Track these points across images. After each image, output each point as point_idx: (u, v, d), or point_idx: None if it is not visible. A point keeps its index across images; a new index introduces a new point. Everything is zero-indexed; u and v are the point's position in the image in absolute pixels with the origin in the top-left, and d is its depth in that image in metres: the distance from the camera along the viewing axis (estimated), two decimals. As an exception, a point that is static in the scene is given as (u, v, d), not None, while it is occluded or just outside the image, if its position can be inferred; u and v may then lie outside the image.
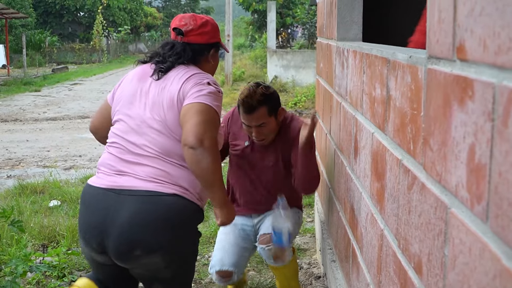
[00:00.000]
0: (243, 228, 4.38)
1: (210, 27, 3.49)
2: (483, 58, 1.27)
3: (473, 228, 1.33)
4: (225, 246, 4.25)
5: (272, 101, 4.04)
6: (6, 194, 8.13)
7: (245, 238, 4.34)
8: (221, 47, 3.63)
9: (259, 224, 4.39)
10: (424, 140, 1.75)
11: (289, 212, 4.06)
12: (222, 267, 4.17)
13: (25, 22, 44.39)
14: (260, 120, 3.99)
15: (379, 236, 2.44)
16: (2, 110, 18.38)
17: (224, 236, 4.33)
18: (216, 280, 4.28)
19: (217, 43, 3.55)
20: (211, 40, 3.49)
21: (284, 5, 37.17)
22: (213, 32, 3.50)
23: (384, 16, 6.66)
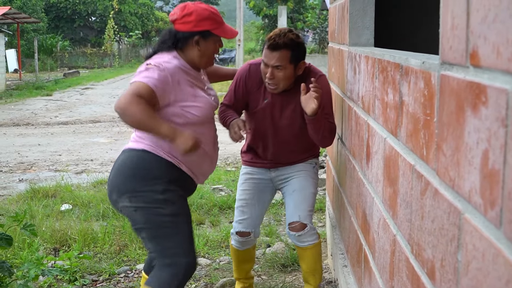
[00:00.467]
0: (261, 181, 4.56)
1: (194, 16, 3.70)
2: (497, 65, 1.27)
3: (486, 234, 1.34)
4: (244, 208, 4.54)
5: (297, 49, 4.07)
6: (18, 198, 8.16)
7: (262, 191, 4.56)
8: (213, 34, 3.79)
9: (277, 180, 4.55)
10: (437, 146, 1.75)
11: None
12: (241, 229, 4.53)
13: (37, 26, 44.57)
14: (279, 61, 4.01)
15: (392, 241, 2.44)
16: (14, 114, 18.46)
17: (242, 193, 4.56)
18: (235, 241, 4.60)
19: (203, 31, 3.73)
20: (195, 28, 3.71)
21: (295, 10, 37.26)
22: (196, 20, 3.70)
23: (392, 20, 6.67)
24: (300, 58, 4.10)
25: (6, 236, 4.07)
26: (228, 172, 9.74)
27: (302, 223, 4.29)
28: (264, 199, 4.59)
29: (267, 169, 4.55)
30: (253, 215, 4.54)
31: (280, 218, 7.10)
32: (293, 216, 4.33)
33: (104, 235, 6.26)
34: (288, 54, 4.01)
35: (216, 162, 4.08)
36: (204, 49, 3.77)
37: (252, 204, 4.54)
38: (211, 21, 3.75)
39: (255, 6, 37.47)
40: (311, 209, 4.37)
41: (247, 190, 4.56)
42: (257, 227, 4.59)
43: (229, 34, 3.83)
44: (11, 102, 22.49)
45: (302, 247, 4.39)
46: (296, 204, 4.35)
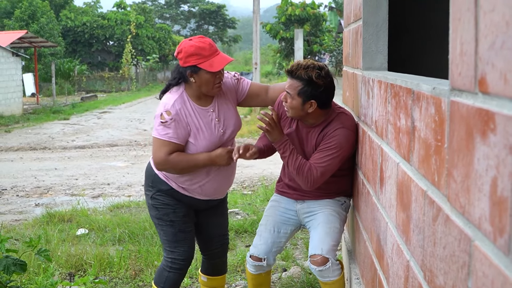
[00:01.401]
0: (286, 211, 4.61)
1: (182, 54, 4.10)
2: (504, 92, 1.27)
3: (495, 261, 1.33)
4: (262, 233, 4.60)
5: (311, 87, 4.06)
6: (34, 223, 8.20)
7: (285, 222, 4.59)
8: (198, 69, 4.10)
9: (303, 213, 4.55)
10: (448, 172, 1.75)
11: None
12: (254, 253, 4.57)
13: (54, 50, 44.95)
14: (289, 89, 4.12)
15: (405, 267, 2.43)
16: (31, 138, 18.58)
17: (265, 220, 4.64)
18: (249, 264, 4.63)
19: (191, 66, 4.09)
20: (185, 65, 4.11)
21: (312, 33, 37.38)
22: (184, 57, 4.09)
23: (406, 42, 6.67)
24: (312, 97, 4.08)
25: (20, 262, 4.07)
26: (244, 196, 9.73)
27: (325, 257, 4.19)
28: (286, 230, 4.59)
29: (294, 201, 4.57)
30: (269, 242, 4.56)
31: (296, 241, 7.08)
32: (316, 248, 4.25)
33: (120, 259, 6.26)
34: (298, 85, 4.07)
35: (226, 184, 4.52)
36: (199, 81, 4.14)
37: (271, 232, 4.58)
38: (196, 57, 4.06)
39: (271, 29, 37.62)
40: (335, 244, 4.29)
41: (269, 216, 4.63)
42: (270, 256, 4.58)
43: (215, 66, 4.08)
44: (28, 126, 22.64)
45: (323, 281, 4.32)
46: (320, 237, 4.29)
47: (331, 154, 4.09)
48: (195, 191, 4.34)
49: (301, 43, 25.28)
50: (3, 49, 26.31)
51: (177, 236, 4.38)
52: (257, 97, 4.53)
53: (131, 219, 7.89)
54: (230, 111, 4.36)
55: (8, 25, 44.36)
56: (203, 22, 71.53)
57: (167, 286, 4.47)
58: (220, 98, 4.33)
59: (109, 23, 52.86)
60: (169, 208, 4.35)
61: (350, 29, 4.79)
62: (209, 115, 4.25)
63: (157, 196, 4.37)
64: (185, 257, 4.41)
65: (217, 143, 4.24)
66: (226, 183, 4.50)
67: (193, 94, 4.21)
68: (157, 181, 4.36)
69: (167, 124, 4.10)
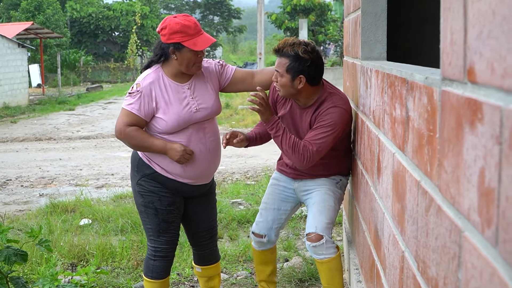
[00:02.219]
0: (284, 189, 4.69)
1: (167, 30, 4.14)
2: (491, 81, 1.26)
3: (484, 253, 1.32)
4: (262, 211, 4.75)
5: (298, 62, 4.15)
6: (37, 213, 8.20)
7: (284, 200, 4.70)
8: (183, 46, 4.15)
9: (300, 191, 4.62)
10: (439, 162, 1.74)
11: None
12: (255, 230, 4.76)
13: (60, 41, 44.89)
14: (278, 67, 4.21)
15: (401, 258, 2.42)
16: (36, 129, 18.59)
17: (266, 198, 4.76)
18: (252, 240, 4.82)
19: (175, 43, 4.13)
20: (168, 41, 4.14)
21: (317, 23, 37.27)
22: (168, 34, 4.13)
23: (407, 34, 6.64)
24: (300, 72, 4.15)
25: (21, 252, 4.07)
26: (247, 186, 9.72)
27: (318, 234, 4.26)
28: (285, 207, 4.70)
29: (292, 179, 4.63)
30: (269, 219, 4.69)
31: (299, 232, 7.08)
32: (311, 227, 4.32)
33: (122, 249, 6.27)
34: (285, 62, 4.16)
35: (210, 167, 4.48)
36: (180, 59, 4.18)
37: (271, 209, 4.71)
38: (181, 34, 4.11)
39: (276, 19, 37.53)
40: (329, 222, 4.33)
41: (269, 194, 4.76)
42: (271, 232, 4.72)
43: (198, 46, 4.14)
44: (34, 117, 22.65)
45: (318, 260, 4.34)
46: (314, 215, 4.35)
47: (325, 132, 4.12)
48: (177, 174, 4.33)
49: (306, 33, 25.25)
50: (9, 40, 26.30)
51: (160, 226, 4.40)
52: (243, 82, 4.54)
53: (134, 209, 7.88)
54: (208, 94, 4.38)
55: (14, 16, 44.31)
56: (208, 12, 71.28)
57: (155, 275, 4.50)
58: (199, 79, 4.38)
59: (115, 14, 52.75)
60: (154, 195, 4.36)
61: (350, 19, 4.77)
62: (183, 92, 4.29)
63: (142, 182, 4.38)
64: (169, 245, 4.47)
65: (187, 120, 4.23)
66: (210, 167, 4.47)
67: (171, 71, 4.27)
68: (141, 165, 4.38)
69: (133, 95, 4.20)
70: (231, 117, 20.23)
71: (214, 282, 4.86)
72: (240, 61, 54.41)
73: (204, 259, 4.78)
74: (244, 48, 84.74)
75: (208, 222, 4.69)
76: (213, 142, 4.42)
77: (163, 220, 4.38)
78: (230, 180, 10.45)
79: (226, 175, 10.76)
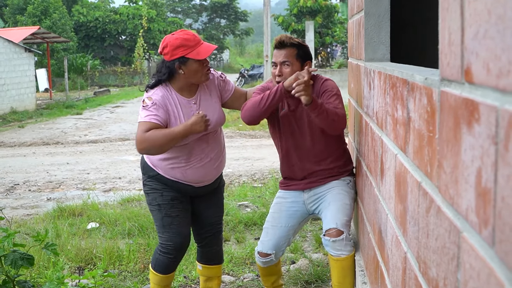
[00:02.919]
0: (292, 205, 4.66)
1: (168, 48, 4.27)
2: (487, 81, 1.26)
3: (481, 253, 1.32)
4: (268, 229, 4.68)
5: (303, 49, 4.42)
6: (45, 217, 8.22)
7: (291, 216, 4.65)
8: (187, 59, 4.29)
9: (311, 202, 4.61)
10: (439, 163, 1.73)
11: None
12: (262, 249, 4.67)
13: (67, 46, 45.02)
14: (286, 57, 4.36)
15: (403, 259, 2.42)
16: (44, 133, 18.64)
17: (271, 217, 4.72)
18: (257, 259, 4.75)
19: (179, 58, 4.27)
20: (172, 58, 4.28)
21: (323, 25, 37.22)
22: (171, 51, 4.26)
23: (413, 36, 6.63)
24: (306, 58, 4.41)
25: (28, 256, 4.09)
26: (254, 189, 9.73)
27: (339, 229, 4.25)
28: (293, 223, 4.66)
29: (301, 191, 4.62)
30: (276, 237, 4.64)
31: (305, 234, 7.08)
32: (331, 223, 4.31)
33: (129, 253, 6.28)
34: (294, 51, 4.36)
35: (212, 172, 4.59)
36: (188, 72, 4.32)
37: (278, 227, 4.65)
38: (183, 48, 4.25)
39: (283, 21, 37.50)
40: (347, 219, 4.36)
41: (275, 213, 4.70)
42: (278, 250, 4.68)
43: (202, 54, 4.28)
44: (41, 121, 22.71)
45: (334, 257, 4.32)
46: (332, 213, 4.35)
47: (337, 97, 4.35)
48: (177, 176, 4.48)
49: (312, 35, 25.23)
50: (15, 45, 26.38)
51: (163, 221, 4.54)
52: (239, 100, 4.73)
53: (141, 213, 7.91)
54: (212, 106, 4.52)
55: (21, 21, 44.43)
56: (214, 16, 71.33)
57: (157, 268, 4.69)
58: (204, 92, 4.52)
59: (121, 17, 52.85)
60: (157, 192, 4.53)
61: (353, 20, 4.77)
62: (190, 106, 4.41)
63: (147, 182, 4.58)
64: (173, 242, 4.55)
65: (195, 134, 4.34)
66: (211, 173, 4.59)
67: (178, 86, 4.40)
68: (146, 168, 4.58)
69: (148, 108, 4.28)
70: (238, 120, 20.22)
71: (212, 284, 4.92)
72: (247, 64, 54.43)
73: (207, 258, 4.84)
74: (251, 50, 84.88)
75: (211, 218, 4.76)
76: (215, 150, 4.56)
77: (166, 215, 4.51)
78: (237, 182, 10.46)
79: (233, 178, 10.77)
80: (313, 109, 4.10)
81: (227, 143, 15.23)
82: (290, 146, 4.53)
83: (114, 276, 5.44)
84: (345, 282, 4.42)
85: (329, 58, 38.46)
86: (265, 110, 4.28)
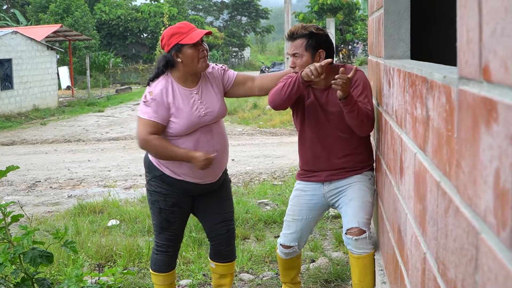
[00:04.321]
0: (312, 197, 4.62)
1: (165, 39, 4.39)
2: (505, 80, 1.23)
3: (499, 255, 1.29)
4: (290, 222, 4.69)
5: (314, 38, 4.34)
6: (65, 214, 8.26)
7: (312, 208, 4.63)
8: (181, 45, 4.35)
9: (331, 195, 4.58)
10: (457, 163, 1.71)
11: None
12: (285, 242, 4.70)
13: (89, 44, 45.21)
14: (295, 49, 4.35)
15: (422, 259, 2.39)
16: (66, 131, 18.74)
17: (291, 210, 4.70)
18: (280, 251, 4.78)
19: (174, 46, 4.34)
20: (169, 47, 4.37)
21: (345, 22, 37.15)
22: (167, 42, 4.37)
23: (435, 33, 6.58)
24: (318, 47, 4.32)
25: (47, 253, 4.10)
26: (274, 186, 9.71)
27: (361, 229, 4.26)
28: (313, 215, 4.66)
29: (321, 184, 4.58)
30: (298, 229, 4.65)
31: (326, 232, 7.05)
32: (352, 222, 4.30)
33: (149, 250, 6.28)
34: (302, 42, 4.32)
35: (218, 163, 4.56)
36: (185, 58, 4.37)
37: (299, 220, 4.65)
38: (176, 35, 4.35)
39: (304, 18, 37.43)
40: (369, 218, 4.36)
41: (295, 206, 4.67)
42: (301, 241, 4.71)
43: (194, 38, 4.33)
44: (63, 119, 22.85)
45: (355, 255, 4.31)
46: (354, 211, 4.34)
47: (367, 94, 4.32)
48: (186, 174, 4.48)
49: (333, 32, 25.17)
50: (38, 43, 26.56)
51: (162, 224, 4.65)
52: (244, 85, 4.72)
53: (161, 210, 7.91)
54: (214, 97, 4.55)
55: (43, 19, 44.69)
56: (236, 13, 71.34)
57: (157, 268, 4.77)
58: (205, 84, 4.55)
59: (143, 15, 53.06)
60: (160, 196, 4.57)
61: (373, 17, 4.74)
62: (192, 97, 4.45)
63: (152, 182, 4.60)
64: (168, 242, 4.71)
65: (196, 123, 4.39)
66: (217, 167, 4.58)
67: (179, 77, 4.45)
68: (151, 167, 4.58)
69: (148, 103, 4.36)
70: (258, 117, 20.25)
71: (225, 281, 4.92)
72: (268, 61, 54.46)
73: (220, 256, 4.84)
74: (272, 48, 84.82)
75: (223, 214, 4.78)
76: (220, 143, 4.56)
77: (165, 219, 4.62)
78: (257, 180, 10.45)
79: (253, 176, 10.76)
80: (346, 105, 4.08)
81: (248, 141, 15.33)
82: (315, 136, 4.50)
83: (134, 274, 5.45)
84: (366, 280, 4.40)
85: (350, 56, 38.37)
86: (286, 98, 4.26)
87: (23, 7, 53.24)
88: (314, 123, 4.47)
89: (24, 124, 21.38)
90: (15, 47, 24.70)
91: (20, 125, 21.27)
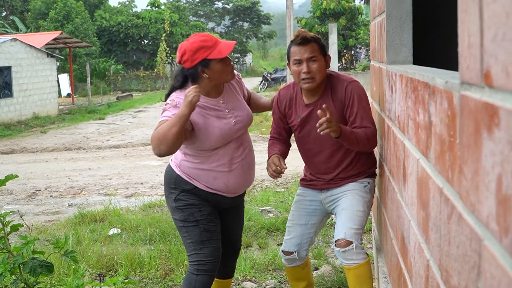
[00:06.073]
0: (311, 203, 4.64)
1: (188, 54, 4.09)
2: (507, 85, 1.21)
3: (502, 262, 1.27)
4: (290, 228, 4.69)
5: (323, 45, 4.35)
6: (66, 223, 8.24)
7: (311, 214, 4.64)
8: (210, 60, 4.11)
9: (327, 202, 4.58)
10: (460, 169, 1.69)
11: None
12: (285, 248, 4.69)
13: (89, 51, 45.19)
14: (313, 52, 4.24)
15: (426, 266, 2.37)
16: (66, 139, 18.74)
17: (292, 215, 4.70)
18: (283, 259, 4.78)
19: (201, 62, 4.09)
20: (194, 63, 4.09)
21: (347, 27, 37.13)
22: (191, 57, 4.08)
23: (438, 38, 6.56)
24: (326, 53, 4.34)
25: (47, 263, 4.08)
26: (277, 193, 9.69)
27: (348, 240, 4.20)
28: (313, 221, 4.64)
29: (319, 191, 4.59)
30: (298, 234, 4.64)
31: (329, 240, 7.03)
32: (339, 233, 4.27)
33: (150, 259, 6.26)
34: (317, 46, 4.27)
35: (249, 176, 4.49)
36: (212, 73, 4.14)
37: (298, 225, 4.64)
38: (202, 50, 4.08)
39: (306, 24, 37.41)
40: (358, 227, 4.26)
41: (295, 211, 4.69)
42: (301, 248, 4.66)
43: (223, 52, 4.11)
44: (63, 126, 22.86)
45: (347, 266, 4.27)
46: (342, 222, 4.30)
47: (365, 108, 4.27)
48: (221, 188, 4.32)
49: (335, 38, 25.11)
50: (38, 50, 26.56)
51: (202, 236, 4.27)
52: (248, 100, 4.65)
53: (162, 219, 7.90)
54: (240, 103, 4.43)
55: (43, 26, 44.64)
56: (237, 19, 71.37)
57: None
58: (228, 91, 4.39)
59: (144, 22, 53.03)
60: (194, 207, 4.29)
61: (375, 22, 4.73)
62: (219, 107, 4.28)
63: (181, 197, 4.31)
64: (213, 257, 4.30)
65: (229, 134, 4.26)
66: (250, 179, 4.52)
67: (202, 90, 4.17)
68: (180, 182, 4.31)
69: (167, 108, 4.12)
70: (261, 124, 20.24)
71: None
72: (270, 67, 54.39)
73: (221, 273, 4.74)
74: (274, 53, 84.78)
75: (236, 234, 4.72)
76: (250, 155, 4.47)
77: (205, 230, 4.29)
78: (259, 187, 10.42)
79: (256, 183, 10.73)
80: (343, 141, 4.07)
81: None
82: (311, 149, 4.51)
83: (135, 283, 5.41)
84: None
85: (353, 61, 38.33)
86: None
87: (22, 14, 53.27)
88: (308, 139, 4.49)
89: (24, 132, 21.38)
90: (14, 54, 24.69)
91: (20, 133, 21.27)
